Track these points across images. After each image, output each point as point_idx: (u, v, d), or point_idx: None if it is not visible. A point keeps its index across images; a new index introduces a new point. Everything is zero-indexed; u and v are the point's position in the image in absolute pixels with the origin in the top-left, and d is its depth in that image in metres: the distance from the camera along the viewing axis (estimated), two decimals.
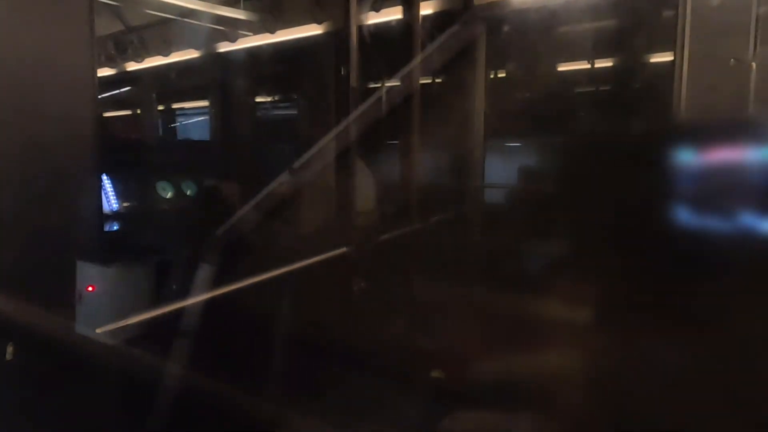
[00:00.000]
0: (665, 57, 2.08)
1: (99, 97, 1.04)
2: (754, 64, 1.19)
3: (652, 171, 1.36)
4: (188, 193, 2.87)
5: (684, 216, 1.25)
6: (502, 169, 2.63)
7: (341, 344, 1.95)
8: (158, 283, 1.47)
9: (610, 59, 2.59)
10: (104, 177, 2.43)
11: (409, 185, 2.39)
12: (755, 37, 1.19)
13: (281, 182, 2.21)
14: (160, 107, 4.00)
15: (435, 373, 1.79)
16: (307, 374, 1.65)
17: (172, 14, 3.03)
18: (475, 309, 2.05)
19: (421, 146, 2.40)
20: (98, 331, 1.04)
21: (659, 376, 1.20)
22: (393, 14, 2.48)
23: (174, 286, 1.41)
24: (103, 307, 1.13)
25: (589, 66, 2.60)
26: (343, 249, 1.94)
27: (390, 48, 2.52)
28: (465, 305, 2.08)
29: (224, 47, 3.22)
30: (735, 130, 1.20)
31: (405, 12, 2.41)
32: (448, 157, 2.69)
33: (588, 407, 1.38)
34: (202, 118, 3.95)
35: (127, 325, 1.09)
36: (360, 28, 1.99)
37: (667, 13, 1.98)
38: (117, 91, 3.59)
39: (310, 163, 2.21)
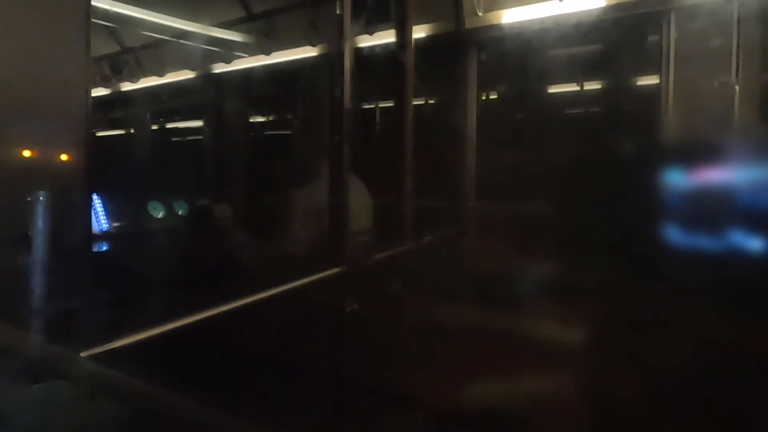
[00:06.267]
0: (652, 80, 2.13)
1: (93, 116, 1.04)
2: (737, 87, 1.22)
3: (642, 190, 1.37)
4: (180, 213, 2.85)
5: (673, 235, 1.26)
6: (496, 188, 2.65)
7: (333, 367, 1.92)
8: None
9: (598, 82, 2.64)
10: (95, 197, 2.41)
11: (402, 205, 2.40)
12: (737, 60, 1.22)
13: (275, 202, 2.20)
14: (154, 127, 4.01)
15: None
16: (297, 399, 1.62)
17: (167, 36, 3.06)
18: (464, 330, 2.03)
19: (415, 165, 2.42)
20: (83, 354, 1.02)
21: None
22: (387, 37, 2.53)
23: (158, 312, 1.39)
24: None
25: (578, 88, 2.65)
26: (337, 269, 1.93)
27: (383, 70, 2.56)
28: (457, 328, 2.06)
29: (219, 68, 3.25)
30: (720, 149, 1.23)
31: (398, 35, 2.46)
32: (442, 176, 2.71)
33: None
34: (196, 138, 3.95)
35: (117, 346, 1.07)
36: (354, 50, 2.03)
37: (653, 39, 2.04)
38: (111, 111, 3.60)
39: (304, 183, 2.21)
